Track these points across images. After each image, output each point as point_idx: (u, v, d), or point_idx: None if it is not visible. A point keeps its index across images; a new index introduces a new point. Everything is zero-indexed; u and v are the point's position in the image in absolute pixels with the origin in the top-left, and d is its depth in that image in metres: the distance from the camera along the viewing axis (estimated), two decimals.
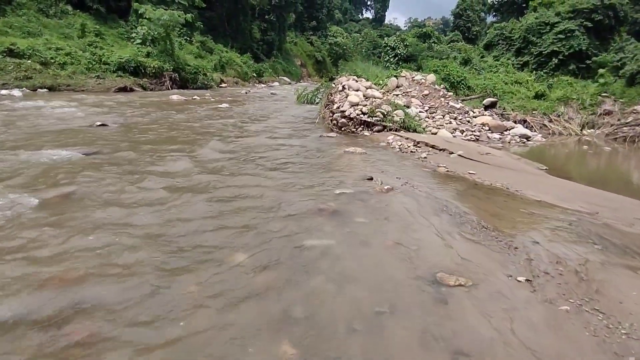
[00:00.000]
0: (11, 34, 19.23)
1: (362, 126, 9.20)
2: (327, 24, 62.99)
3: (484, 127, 10.62)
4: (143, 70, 20.78)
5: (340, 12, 73.97)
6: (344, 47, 55.79)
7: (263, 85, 35.27)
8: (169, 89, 21.23)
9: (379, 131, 9.06)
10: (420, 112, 10.86)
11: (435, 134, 9.49)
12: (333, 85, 12.63)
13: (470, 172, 5.81)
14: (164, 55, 22.22)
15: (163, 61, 21.94)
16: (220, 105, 13.80)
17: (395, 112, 9.44)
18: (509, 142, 10.09)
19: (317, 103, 15.70)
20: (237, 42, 39.88)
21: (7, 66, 16.34)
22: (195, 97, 17.19)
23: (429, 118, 10.79)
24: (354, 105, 9.50)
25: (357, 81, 11.47)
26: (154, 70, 21.11)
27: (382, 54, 33.73)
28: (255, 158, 6.05)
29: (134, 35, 23.97)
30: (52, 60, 17.95)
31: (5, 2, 21.89)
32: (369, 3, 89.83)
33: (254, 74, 37.40)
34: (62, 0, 24.81)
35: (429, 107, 11.41)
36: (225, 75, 31.00)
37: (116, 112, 10.70)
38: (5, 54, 16.73)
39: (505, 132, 10.67)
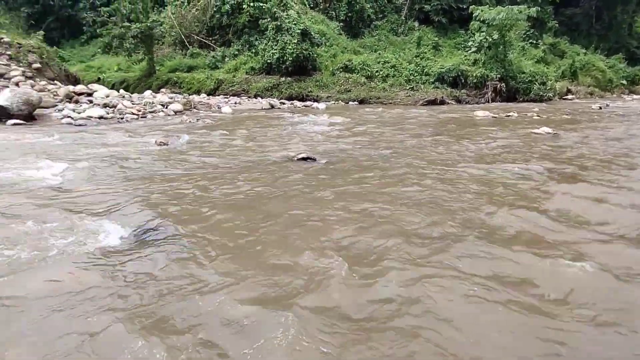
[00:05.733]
0: (362, 53, 20.11)
1: None
2: None
3: None
4: (463, 80, 17.03)
5: None
6: None
7: (637, 96, 23.45)
8: (488, 102, 16.53)
9: None
10: None
11: None
12: None
13: None
14: (492, 62, 17.50)
15: (490, 69, 17.30)
16: (536, 131, 8.19)
17: None
18: None
19: None
20: (607, 42, 28.56)
21: (339, 80, 16.78)
22: (511, 113, 11.85)
23: None
24: None
25: None
26: (475, 80, 16.92)
27: None
28: None
29: (470, 43, 20.49)
30: (377, 74, 17.26)
31: (365, 26, 23.72)
32: None
33: (623, 82, 25.59)
34: (411, 18, 24.64)
35: None
36: (576, 84, 22.36)
37: (368, 133, 7.68)
38: (341, 70, 17.29)
39: None
